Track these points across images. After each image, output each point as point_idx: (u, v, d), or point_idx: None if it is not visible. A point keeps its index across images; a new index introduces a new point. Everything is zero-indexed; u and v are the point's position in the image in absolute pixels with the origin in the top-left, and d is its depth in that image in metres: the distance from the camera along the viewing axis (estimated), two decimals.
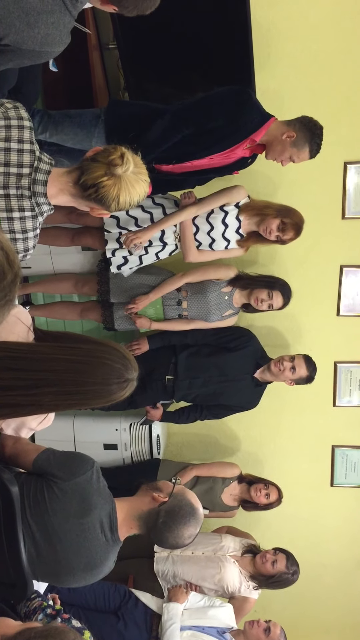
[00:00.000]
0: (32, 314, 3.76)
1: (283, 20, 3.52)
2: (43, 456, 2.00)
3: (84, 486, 1.97)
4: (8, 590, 2.05)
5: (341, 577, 4.53)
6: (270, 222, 3.27)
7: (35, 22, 1.94)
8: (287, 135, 2.96)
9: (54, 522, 1.94)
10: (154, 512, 2.04)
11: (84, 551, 1.99)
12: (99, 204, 1.94)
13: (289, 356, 3.59)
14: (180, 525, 2.03)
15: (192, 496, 2.11)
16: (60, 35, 2.03)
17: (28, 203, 1.93)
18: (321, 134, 3.01)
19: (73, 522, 1.95)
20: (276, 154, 3.03)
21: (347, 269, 3.93)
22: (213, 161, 3.04)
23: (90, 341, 1.75)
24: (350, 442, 4.23)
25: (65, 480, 1.95)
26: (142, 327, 3.58)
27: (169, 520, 2.02)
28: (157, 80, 3.35)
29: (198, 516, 2.07)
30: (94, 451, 3.84)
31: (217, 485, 3.76)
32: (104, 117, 2.97)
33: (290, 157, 3.02)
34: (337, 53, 3.58)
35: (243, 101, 2.91)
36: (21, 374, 1.57)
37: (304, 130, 2.97)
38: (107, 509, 2.02)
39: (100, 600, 3.06)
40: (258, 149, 3.10)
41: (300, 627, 4.41)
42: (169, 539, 2.04)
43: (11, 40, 1.95)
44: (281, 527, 4.28)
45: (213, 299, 3.52)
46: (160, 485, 2.12)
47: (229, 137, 2.94)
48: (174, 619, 2.96)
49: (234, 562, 3.47)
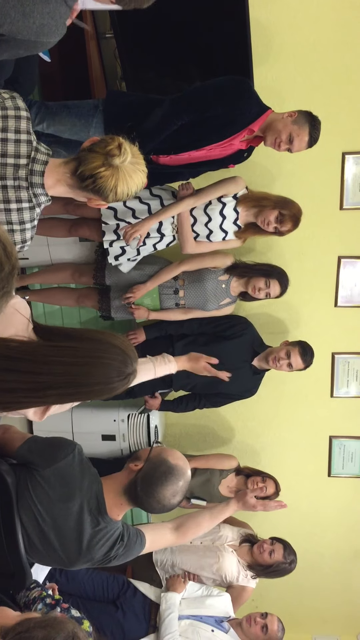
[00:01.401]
0: (29, 299, 3.77)
1: (281, 12, 3.50)
2: (25, 446, 2.00)
3: (67, 470, 1.97)
4: (7, 580, 2.06)
5: (338, 566, 4.56)
6: (268, 213, 3.26)
7: (31, 12, 1.92)
8: (288, 114, 2.95)
9: (41, 509, 1.95)
10: (133, 482, 2.02)
11: (76, 535, 1.98)
12: (96, 195, 1.93)
13: (284, 351, 3.56)
14: (157, 487, 1.99)
15: (170, 454, 2.06)
16: (56, 25, 2.01)
17: (25, 194, 1.92)
18: (319, 127, 2.99)
19: (60, 506, 1.95)
20: (276, 132, 2.96)
21: (345, 260, 3.93)
22: (211, 153, 3.02)
23: (88, 338, 1.74)
24: (348, 433, 4.25)
25: (46, 467, 1.95)
26: (140, 317, 3.57)
27: (145, 485, 1.99)
28: (154, 70, 3.33)
29: (177, 471, 2.01)
30: (92, 442, 3.85)
31: (215, 477, 3.77)
32: (102, 107, 2.95)
33: (290, 134, 2.94)
34: (335, 44, 3.56)
35: (242, 90, 2.89)
36: (23, 377, 1.57)
37: (304, 114, 2.97)
38: (94, 490, 2.01)
39: (99, 590, 3.08)
40: (255, 141, 3.08)
41: (297, 616, 4.44)
42: (152, 503, 2.01)
43: (6, 30, 1.94)
44: (279, 517, 4.26)
45: (210, 287, 3.52)
46: (139, 454, 2.10)
47: (227, 126, 2.92)
48: (172, 608, 2.97)
49: (232, 551, 3.49)
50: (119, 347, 1.71)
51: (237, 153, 3.09)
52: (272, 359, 3.58)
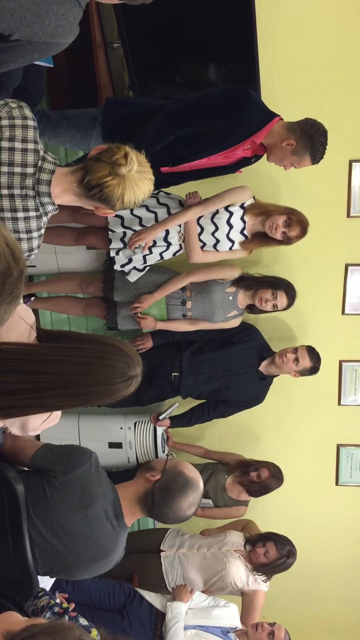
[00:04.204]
0: (36, 306, 3.78)
1: (288, 20, 3.51)
2: (41, 453, 2.01)
3: (84, 478, 1.98)
4: (14, 588, 2.06)
5: (346, 576, 4.53)
6: (276, 218, 3.26)
7: (46, 14, 1.95)
8: (287, 143, 2.88)
9: (58, 517, 1.95)
10: (150, 491, 2.05)
11: (91, 542, 2.00)
12: (103, 204, 1.94)
13: (292, 348, 3.61)
14: (176, 498, 2.03)
15: (185, 467, 2.11)
16: (70, 26, 2.04)
17: (32, 203, 1.93)
18: (325, 139, 2.92)
19: (77, 514, 1.96)
20: (276, 159, 2.98)
21: (352, 268, 3.92)
22: (212, 161, 3.00)
23: (92, 340, 1.75)
24: (356, 441, 4.23)
25: (65, 474, 1.96)
26: (147, 327, 3.57)
27: (164, 495, 2.03)
28: (161, 79, 3.34)
29: (194, 484, 2.07)
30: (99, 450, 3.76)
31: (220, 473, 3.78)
32: (100, 118, 2.95)
33: (291, 164, 2.96)
34: (342, 52, 3.57)
35: (242, 103, 2.82)
36: (25, 377, 1.58)
37: (304, 138, 2.88)
38: (110, 497, 2.03)
39: (105, 599, 3.07)
40: (260, 149, 3.05)
41: (304, 626, 4.41)
42: (168, 514, 2.05)
43: (22, 33, 1.96)
44: (286, 525, 4.26)
45: (217, 299, 3.52)
46: (154, 464, 2.14)
47: (227, 138, 2.88)
48: (177, 618, 2.96)
49: (238, 556, 3.48)
50: (124, 350, 1.72)
51: (242, 161, 3.07)
52: (279, 354, 3.61)
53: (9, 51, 2.04)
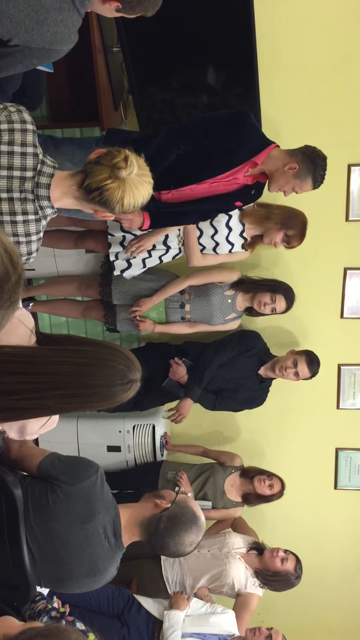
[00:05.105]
0: (35, 310, 3.78)
1: (287, 24, 3.52)
2: (48, 460, 2.01)
3: (89, 491, 1.97)
4: (11, 592, 2.06)
5: (344, 578, 4.53)
6: (274, 235, 3.30)
7: (45, 20, 1.96)
8: (289, 167, 2.86)
9: (57, 526, 1.94)
10: (156, 518, 2.06)
11: (87, 557, 1.99)
12: (103, 207, 1.94)
13: (291, 360, 3.60)
14: (181, 532, 2.04)
15: (194, 505, 2.13)
16: (69, 32, 2.05)
17: (31, 206, 1.93)
18: (325, 164, 2.92)
19: (77, 527, 1.96)
20: (279, 185, 2.94)
21: (351, 272, 3.92)
22: (214, 187, 2.94)
23: (92, 343, 1.75)
24: (354, 445, 4.23)
25: (70, 485, 1.95)
26: (146, 330, 3.58)
27: (170, 525, 2.04)
28: (160, 84, 3.35)
29: (200, 524, 2.08)
30: (98, 453, 3.85)
31: (217, 474, 3.76)
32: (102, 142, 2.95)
33: (293, 188, 2.94)
34: (340, 56, 3.57)
35: (242, 121, 2.80)
36: (24, 378, 1.57)
37: (306, 162, 2.88)
38: (111, 515, 2.03)
39: (104, 604, 3.06)
40: (261, 177, 3.00)
41: (303, 629, 4.41)
42: (169, 544, 2.05)
43: (21, 39, 1.97)
44: (285, 529, 4.28)
45: (216, 302, 3.53)
46: (163, 494, 2.15)
47: (228, 157, 2.84)
48: (175, 627, 2.95)
49: (239, 558, 3.48)
50: (124, 354, 1.71)
51: (244, 189, 3.00)
52: (279, 368, 3.59)
53: (8, 56, 2.05)
